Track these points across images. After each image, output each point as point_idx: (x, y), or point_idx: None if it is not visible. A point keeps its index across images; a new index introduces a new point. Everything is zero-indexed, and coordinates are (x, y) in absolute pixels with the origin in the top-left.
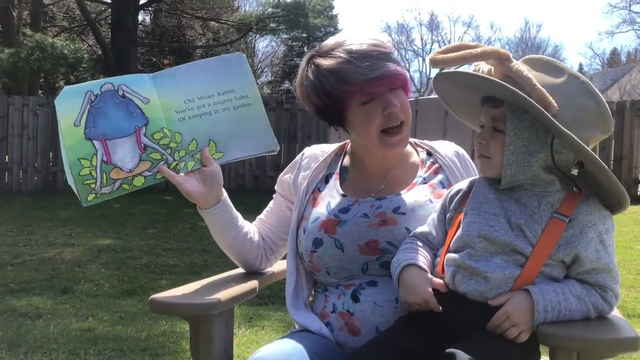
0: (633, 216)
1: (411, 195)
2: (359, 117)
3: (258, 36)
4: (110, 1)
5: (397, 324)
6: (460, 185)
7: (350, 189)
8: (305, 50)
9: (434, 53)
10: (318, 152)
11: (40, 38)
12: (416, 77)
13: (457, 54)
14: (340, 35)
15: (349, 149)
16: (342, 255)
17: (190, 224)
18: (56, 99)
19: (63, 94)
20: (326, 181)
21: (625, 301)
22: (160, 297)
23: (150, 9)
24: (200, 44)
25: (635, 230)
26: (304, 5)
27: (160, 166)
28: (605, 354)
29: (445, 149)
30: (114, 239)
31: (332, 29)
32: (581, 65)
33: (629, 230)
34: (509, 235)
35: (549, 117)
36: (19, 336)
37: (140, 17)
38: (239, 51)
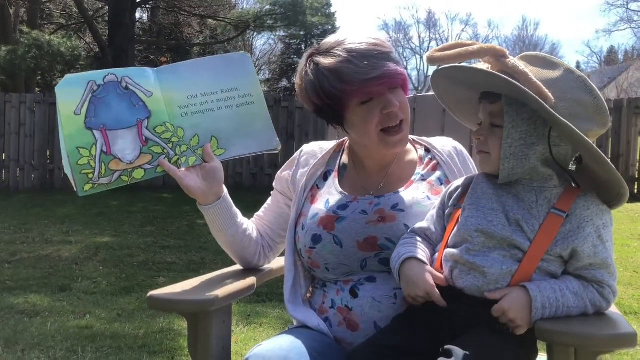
0: (630, 214)
1: (409, 193)
2: (358, 116)
3: (256, 34)
4: None
5: (395, 322)
6: (460, 181)
7: (349, 186)
8: (303, 48)
9: (431, 51)
10: (316, 149)
11: (38, 35)
12: (414, 75)
13: (454, 51)
14: (340, 34)
15: (347, 146)
16: (341, 251)
17: (188, 222)
18: (57, 86)
19: (64, 81)
20: (325, 178)
21: (622, 298)
22: (158, 294)
23: (147, 6)
24: (198, 41)
25: (632, 228)
26: (301, 2)
27: (161, 160)
28: (603, 350)
29: (444, 145)
30: (111, 237)
31: (329, 26)
32: (578, 63)
33: (626, 228)
34: (506, 230)
35: (547, 107)
36: (16, 334)
37: (138, 15)
38: (236, 49)
